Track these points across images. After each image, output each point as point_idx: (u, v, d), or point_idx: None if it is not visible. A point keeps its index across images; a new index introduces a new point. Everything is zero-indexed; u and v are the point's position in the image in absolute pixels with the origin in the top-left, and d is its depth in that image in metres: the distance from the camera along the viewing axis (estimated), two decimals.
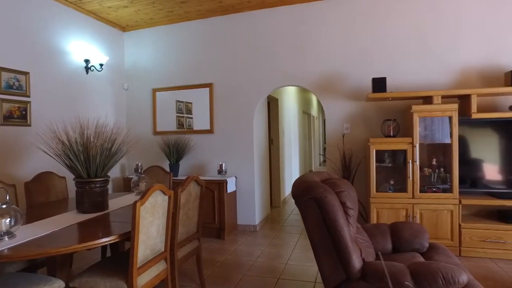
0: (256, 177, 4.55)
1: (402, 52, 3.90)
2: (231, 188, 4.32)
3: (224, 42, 4.59)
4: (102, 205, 2.50)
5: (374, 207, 3.57)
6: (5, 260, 1.64)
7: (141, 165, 4.59)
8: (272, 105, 5.83)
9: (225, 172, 4.37)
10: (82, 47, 4.23)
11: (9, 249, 1.68)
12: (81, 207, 2.42)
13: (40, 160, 3.68)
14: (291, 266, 3.23)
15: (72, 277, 2.01)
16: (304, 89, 4.41)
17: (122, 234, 1.95)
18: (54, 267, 2.05)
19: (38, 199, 2.91)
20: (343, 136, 4.08)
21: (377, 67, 3.96)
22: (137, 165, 4.59)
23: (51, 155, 2.42)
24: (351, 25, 4.06)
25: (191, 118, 4.75)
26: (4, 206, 1.84)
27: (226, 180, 4.18)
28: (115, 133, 2.57)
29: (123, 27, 4.97)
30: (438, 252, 2.31)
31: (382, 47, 3.96)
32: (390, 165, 3.71)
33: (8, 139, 3.40)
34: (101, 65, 4.39)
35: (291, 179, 7.00)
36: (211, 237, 4.21)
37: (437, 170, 3.58)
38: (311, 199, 1.74)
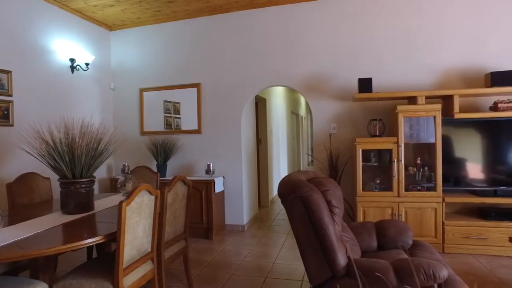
0: (244, 177, 4.56)
1: (388, 53, 3.96)
2: (219, 188, 4.32)
3: (212, 42, 4.58)
4: (88, 206, 2.47)
5: (361, 206, 3.62)
6: None
7: (128, 166, 4.54)
8: (260, 105, 5.85)
9: (213, 172, 4.36)
10: (67, 46, 4.17)
11: None
12: (66, 208, 2.39)
13: (24, 161, 3.61)
14: (279, 265, 3.25)
15: (56, 280, 1.98)
16: (293, 90, 4.43)
17: (108, 235, 1.93)
18: (37, 270, 2.01)
19: (21, 201, 2.86)
20: (330, 136, 4.12)
21: (364, 68, 4.02)
22: (124, 166, 4.55)
23: (35, 156, 2.38)
24: (338, 26, 4.11)
25: (179, 118, 4.73)
26: None
27: (214, 180, 4.17)
28: (101, 133, 2.55)
29: (110, 26, 4.92)
30: (422, 249, 2.36)
31: (369, 48, 4.02)
32: (376, 164, 3.77)
33: None
34: (87, 65, 4.33)
35: (279, 179, 7.03)
36: (199, 237, 4.20)
37: (422, 169, 3.65)
38: (297, 198, 1.76)
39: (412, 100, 3.70)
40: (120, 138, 4.92)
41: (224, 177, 4.52)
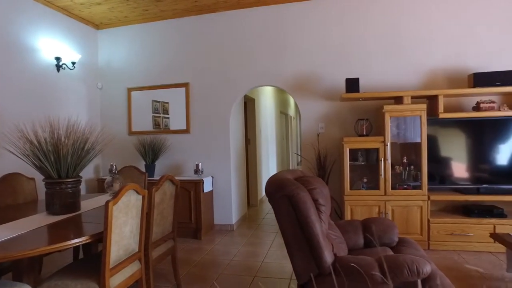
0: (233, 177, 4.56)
1: (375, 54, 4.02)
2: (208, 188, 4.31)
3: (200, 42, 4.57)
4: (74, 206, 2.44)
5: (348, 205, 3.67)
6: None
7: (116, 166, 4.50)
8: (249, 105, 5.86)
9: (202, 172, 4.35)
10: (53, 45, 4.10)
11: None
12: (51, 209, 2.35)
13: (7, 161, 3.53)
14: (268, 264, 3.26)
15: (40, 282, 1.95)
16: (281, 90, 4.46)
17: (94, 235, 1.91)
18: (21, 272, 1.98)
19: (4, 202, 2.80)
20: (318, 136, 4.16)
21: (351, 68, 4.07)
22: (112, 166, 4.50)
23: (18, 156, 2.34)
24: (326, 27, 4.15)
25: (168, 118, 4.71)
26: None
27: (203, 180, 4.17)
28: (88, 132, 2.52)
29: (97, 25, 4.86)
30: (407, 246, 2.41)
31: (356, 49, 4.07)
32: (364, 164, 3.82)
33: None
34: (74, 63, 4.27)
35: None
36: (188, 237, 4.18)
37: (408, 168, 3.71)
38: (284, 196, 1.77)
39: (398, 100, 3.77)
40: (107, 138, 4.87)
41: (213, 177, 4.52)
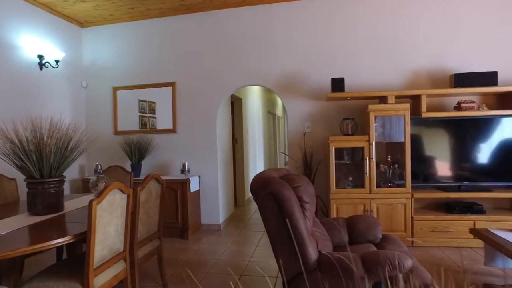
0: (220, 176, 4.56)
1: (360, 54, 4.08)
2: (194, 188, 4.30)
3: (187, 41, 4.56)
4: (57, 206, 2.41)
5: (334, 203, 3.71)
6: None
7: (101, 166, 4.44)
8: (236, 105, 5.87)
9: (188, 172, 4.34)
10: (35, 42, 4.02)
11: None
12: (33, 209, 2.31)
13: None
14: (254, 263, 3.27)
15: (21, 284, 1.91)
16: (269, 90, 4.48)
17: (78, 235, 1.89)
18: (0, 274, 1.94)
19: None
20: (304, 135, 4.19)
21: (337, 68, 4.12)
22: (97, 166, 4.44)
23: None
24: (312, 27, 4.19)
25: (155, 118, 4.67)
26: None
27: (189, 180, 4.15)
28: (72, 131, 2.48)
29: (81, 23, 4.78)
30: (390, 242, 2.46)
31: (342, 49, 4.12)
32: (349, 162, 3.87)
33: None
34: (57, 62, 4.20)
35: None
36: (175, 237, 4.16)
37: (392, 167, 3.78)
38: (268, 194, 1.79)
39: (383, 100, 3.83)
40: (92, 137, 4.79)
41: (200, 177, 4.51)
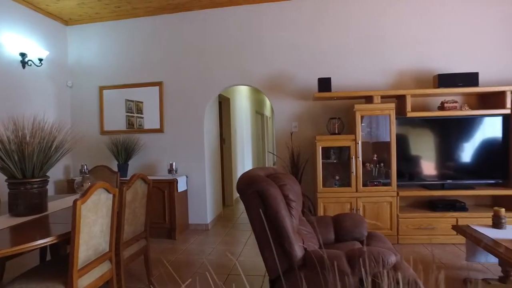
0: (208, 176, 4.55)
1: (347, 55, 4.13)
2: (182, 187, 4.28)
3: (174, 40, 4.53)
4: (40, 207, 2.36)
5: (321, 202, 3.75)
6: None
7: (86, 166, 4.37)
8: (224, 105, 5.86)
9: (176, 171, 4.31)
10: (17, 40, 3.92)
11: None
12: (15, 210, 2.26)
13: None
14: (242, 262, 3.28)
15: (1, 286, 1.87)
16: (257, 90, 4.49)
17: (62, 235, 1.87)
18: None
19: None
20: (292, 134, 4.22)
21: (324, 68, 4.15)
22: (82, 166, 4.37)
23: None
24: (299, 28, 4.22)
25: (142, 118, 4.63)
26: None
27: (177, 179, 4.13)
28: (56, 131, 2.44)
29: (66, 21, 4.70)
30: (375, 240, 2.49)
31: (329, 49, 4.16)
32: (336, 161, 3.91)
33: None
34: (41, 60, 4.12)
35: None
36: (162, 238, 4.13)
37: (378, 165, 3.84)
38: (254, 192, 1.80)
39: (369, 100, 3.89)
40: (77, 136, 4.70)
41: (187, 176, 4.48)
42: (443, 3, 3.97)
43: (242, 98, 7.09)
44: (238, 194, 1.90)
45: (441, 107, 3.77)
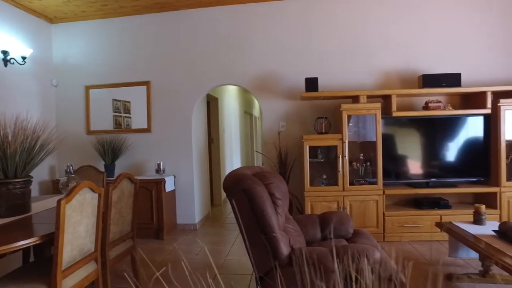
0: (196, 176, 4.54)
1: (334, 55, 4.18)
2: (170, 187, 4.25)
3: (162, 40, 4.51)
4: (24, 208, 2.33)
5: (309, 201, 3.78)
6: None
7: (72, 166, 4.30)
8: (212, 105, 5.85)
9: (163, 171, 4.29)
10: None
11: None
12: None
13: None
14: (230, 261, 3.28)
15: None
16: (246, 90, 4.50)
17: (45, 235, 1.84)
18: None
19: None
20: (279, 134, 4.24)
21: (311, 68, 4.19)
22: (68, 166, 4.30)
23: None
24: (287, 28, 4.25)
25: (130, 118, 4.59)
26: None
27: (164, 179, 4.11)
28: (40, 130, 2.41)
29: (51, 19, 4.62)
30: (361, 237, 2.53)
31: (316, 49, 4.20)
32: (323, 161, 3.95)
33: None
34: (24, 58, 4.03)
35: None
36: (150, 238, 4.10)
37: (365, 164, 3.89)
38: (241, 191, 1.81)
39: (355, 99, 3.94)
40: (61, 136, 4.63)
41: (175, 176, 4.46)
42: (428, 6, 4.06)
43: (231, 98, 7.09)
44: (225, 193, 1.91)
45: (426, 107, 3.85)
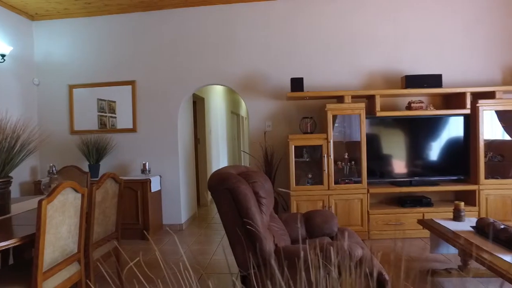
0: (182, 176, 4.51)
1: (319, 55, 4.22)
2: (155, 188, 4.22)
3: (147, 39, 4.47)
4: (3, 209, 2.28)
5: (294, 200, 3.81)
6: None
7: (55, 167, 4.22)
8: (199, 105, 5.83)
9: (149, 171, 4.25)
10: None
11: None
12: None
13: None
14: (216, 261, 3.28)
15: None
16: (233, 90, 4.50)
17: (25, 237, 1.81)
18: None
19: None
20: (265, 134, 4.26)
21: (297, 68, 4.22)
22: (51, 167, 4.22)
23: None
24: (273, 28, 4.27)
25: (115, 118, 4.53)
26: None
27: (150, 179, 4.07)
28: (20, 130, 2.36)
29: (32, 15, 4.52)
30: (345, 235, 2.57)
31: (301, 50, 4.24)
32: (308, 160, 3.99)
33: None
34: (3, 56, 3.94)
35: None
36: (136, 239, 4.06)
37: (349, 164, 3.94)
38: (225, 189, 1.82)
39: (340, 99, 3.99)
40: (43, 135, 4.52)
41: (161, 176, 4.43)
42: (411, 9, 4.14)
43: (217, 98, 7.08)
44: (210, 192, 1.91)
45: (409, 107, 3.93)
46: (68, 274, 2.05)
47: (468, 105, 3.78)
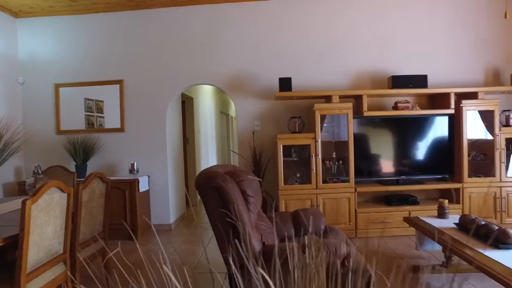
0: (170, 176, 4.49)
1: (307, 55, 4.26)
2: (144, 188, 4.19)
3: (135, 38, 4.43)
4: None
5: (283, 199, 3.83)
6: None
7: (41, 167, 4.15)
8: (187, 104, 5.81)
9: (137, 171, 4.22)
10: None
11: None
12: None
13: None
14: (204, 260, 3.28)
15: None
16: (222, 90, 4.50)
17: (8, 238, 1.78)
18: None
19: None
20: (254, 133, 4.28)
21: (285, 68, 4.24)
22: (36, 167, 4.15)
23: None
24: (261, 28, 4.29)
25: (103, 118, 4.48)
26: None
27: (138, 179, 4.04)
28: (2, 130, 2.32)
29: (15, 12, 4.43)
30: (332, 233, 2.60)
31: (289, 50, 4.27)
32: (297, 159, 4.02)
33: None
34: None
35: None
36: (124, 239, 4.01)
37: (337, 163, 3.99)
38: (212, 188, 1.83)
39: (328, 99, 4.03)
40: (27, 135, 4.44)
41: (149, 176, 4.40)
42: (397, 11, 4.21)
43: (206, 98, 7.06)
44: (197, 191, 1.92)
45: (395, 107, 4.00)
46: (53, 275, 2.03)
47: (453, 105, 3.87)
